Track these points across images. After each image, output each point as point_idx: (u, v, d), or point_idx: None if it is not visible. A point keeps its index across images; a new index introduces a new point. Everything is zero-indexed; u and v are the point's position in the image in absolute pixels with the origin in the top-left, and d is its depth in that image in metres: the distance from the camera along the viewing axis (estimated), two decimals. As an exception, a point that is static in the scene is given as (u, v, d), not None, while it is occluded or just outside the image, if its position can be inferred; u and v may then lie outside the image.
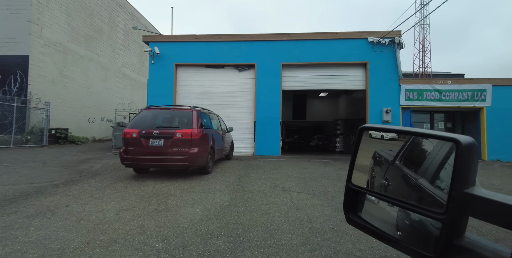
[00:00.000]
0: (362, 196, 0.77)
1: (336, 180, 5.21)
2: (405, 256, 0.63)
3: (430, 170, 0.63)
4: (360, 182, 0.79)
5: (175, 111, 5.25)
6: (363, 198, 0.77)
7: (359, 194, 0.77)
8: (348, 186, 0.78)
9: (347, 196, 0.79)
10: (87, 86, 16.63)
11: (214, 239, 2.49)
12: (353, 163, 0.78)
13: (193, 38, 10.69)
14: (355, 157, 0.78)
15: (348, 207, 0.78)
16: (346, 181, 0.79)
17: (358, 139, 0.79)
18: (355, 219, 0.75)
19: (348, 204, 0.78)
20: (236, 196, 3.91)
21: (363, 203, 0.77)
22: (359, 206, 0.77)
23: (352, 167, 0.79)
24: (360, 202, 0.77)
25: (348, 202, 0.78)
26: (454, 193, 0.49)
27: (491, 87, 9.32)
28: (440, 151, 0.61)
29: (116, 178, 5.06)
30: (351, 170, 0.79)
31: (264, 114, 10.15)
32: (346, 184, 0.79)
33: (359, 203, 0.77)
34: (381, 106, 9.66)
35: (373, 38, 9.61)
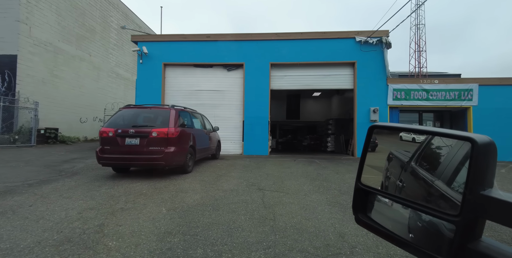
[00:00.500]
0: (372, 196, 0.75)
1: (314, 179, 5.21)
2: (366, 253, 0.61)
3: (447, 172, 0.61)
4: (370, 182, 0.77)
5: (152, 110, 5.23)
6: (373, 199, 0.76)
7: (369, 194, 0.75)
8: (358, 185, 0.76)
9: (356, 196, 0.76)
10: (79, 86, 16.55)
11: (171, 237, 2.48)
12: (363, 163, 0.76)
13: (182, 37, 10.66)
14: (364, 156, 0.76)
15: (357, 207, 0.76)
16: (355, 181, 0.77)
17: (368, 138, 0.77)
18: (364, 219, 0.74)
19: (357, 204, 0.76)
20: (207, 195, 3.89)
21: (373, 203, 0.76)
22: (369, 206, 0.76)
23: (362, 166, 0.77)
24: (370, 202, 0.76)
25: (358, 202, 0.76)
26: (468, 194, 0.47)
27: (477, 86, 9.36)
28: (458, 151, 0.58)
29: (93, 177, 5.03)
30: (361, 169, 0.77)
31: (252, 113, 10.14)
32: (356, 184, 0.77)
33: (368, 203, 0.76)
34: (369, 105, 9.68)
35: (361, 37, 9.63)
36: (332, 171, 6.19)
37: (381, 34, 9.58)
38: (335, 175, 5.67)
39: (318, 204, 3.59)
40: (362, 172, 0.76)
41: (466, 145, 0.53)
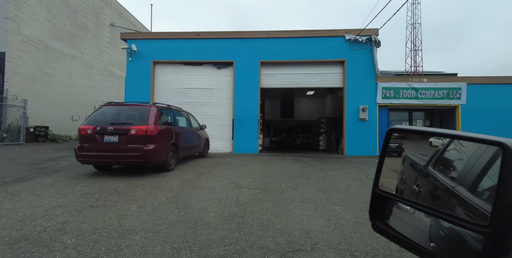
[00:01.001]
0: (390, 202, 0.72)
1: (295, 177, 5.20)
2: (327, 250, 0.57)
3: (469, 177, 0.58)
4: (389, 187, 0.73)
5: (133, 108, 5.19)
6: (391, 205, 0.73)
7: (387, 201, 0.72)
8: (375, 191, 0.73)
9: (373, 202, 0.74)
10: (70, 84, 16.41)
11: (132, 234, 2.45)
12: (381, 167, 0.73)
13: (171, 35, 10.59)
14: (382, 161, 0.73)
15: (374, 214, 0.73)
16: (372, 186, 0.75)
17: (386, 141, 0.73)
18: (382, 226, 0.71)
19: (374, 211, 0.73)
20: (183, 193, 3.87)
21: (391, 210, 0.73)
22: (387, 213, 0.73)
23: (380, 171, 0.73)
24: (388, 208, 0.73)
25: (375, 208, 0.73)
26: (500, 204, 0.43)
27: (466, 85, 9.39)
28: (482, 156, 0.55)
29: (73, 175, 4.99)
30: (378, 174, 0.74)
31: (242, 112, 10.11)
32: (373, 189, 0.74)
33: (386, 210, 0.73)
34: (358, 104, 9.68)
35: (350, 36, 9.62)
36: (315, 169, 6.19)
37: (371, 32, 9.57)
38: (317, 173, 5.66)
39: (292, 201, 3.58)
40: (379, 177, 0.72)
41: (491, 150, 0.49)
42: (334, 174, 5.55)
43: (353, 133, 9.68)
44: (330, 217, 3.07)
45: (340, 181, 4.86)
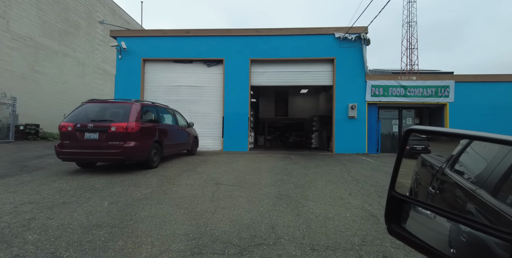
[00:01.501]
0: (407, 205, 0.70)
1: (277, 173, 5.22)
2: (289, 243, 0.52)
3: (491, 180, 0.55)
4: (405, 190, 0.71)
5: (114, 105, 5.17)
6: (408, 208, 0.70)
7: (404, 204, 0.70)
8: (391, 193, 0.70)
9: (389, 205, 0.71)
10: (62, 82, 16.31)
11: (97, 230, 2.46)
12: (397, 169, 0.70)
13: (161, 33, 10.54)
14: (399, 162, 0.70)
15: (390, 217, 0.71)
16: (388, 189, 0.73)
17: (404, 142, 0.70)
18: (398, 230, 0.68)
19: (390, 214, 0.71)
20: (159, 190, 3.87)
21: (408, 213, 0.70)
22: (403, 216, 0.70)
23: (396, 173, 0.70)
24: (405, 212, 0.71)
25: (391, 211, 0.71)
26: None
27: (453, 83, 9.44)
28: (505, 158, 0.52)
29: (54, 172, 4.97)
30: (395, 176, 0.71)
31: (232, 110, 10.11)
32: (389, 192, 0.72)
33: (403, 213, 0.71)
34: (347, 102, 9.72)
35: (340, 34, 9.62)
36: (300, 166, 6.22)
37: (360, 30, 9.58)
38: (300, 170, 5.69)
39: (267, 197, 3.60)
40: (396, 179, 0.70)
41: None
42: (316, 171, 5.58)
43: (342, 131, 9.72)
44: (300, 212, 3.09)
45: (320, 178, 4.89)
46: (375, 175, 5.32)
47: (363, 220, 2.93)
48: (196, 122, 10.03)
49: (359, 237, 2.52)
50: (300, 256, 2.15)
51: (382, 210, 3.27)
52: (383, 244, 2.39)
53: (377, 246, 2.35)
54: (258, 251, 2.18)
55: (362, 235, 2.55)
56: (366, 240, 2.46)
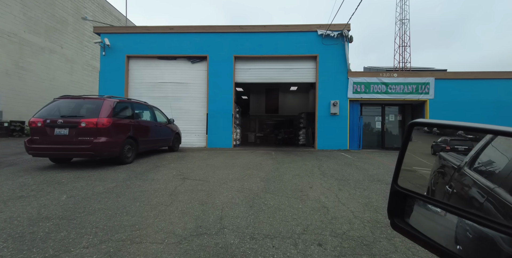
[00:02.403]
0: (411, 200, 0.69)
1: (249, 168, 5.30)
2: (231, 233, 0.53)
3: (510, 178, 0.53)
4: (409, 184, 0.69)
5: (86, 101, 5.19)
6: (412, 203, 0.69)
7: (407, 198, 0.69)
8: (394, 188, 0.69)
9: (392, 199, 0.70)
10: (49, 78, 16.18)
11: (44, 222, 2.51)
12: (401, 163, 0.69)
13: (145, 29, 10.50)
14: (403, 156, 0.69)
15: (393, 212, 0.70)
16: (391, 183, 0.72)
17: (407, 135, 0.69)
18: (402, 225, 0.67)
19: (393, 208, 0.70)
20: (124, 184, 3.93)
21: (411, 208, 0.69)
22: (407, 211, 0.69)
23: (399, 167, 0.69)
24: (408, 206, 0.69)
25: (394, 206, 0.70)
26: None
27: (433, 80, 9.58)
28: None
29: (26, 168, 4.99)
30: (398, 170, 0.70)
31: (216, 106, 10.14)
32: (392, 186, 0.71)
33: (406, 208, 0.69)
34: (330, 98, 9.81)
35: (322, 31, 9.68)
36: (275, 161, 6.31)
37: (343, 27, 9.65)
38: (274, 165, 5.78)
39: (227, 191, 3.68)
40: (399, 173, 0.69)
41: None
42: (289, 166, 5.67)
43: (324, 127, 9.83)
44: (254, 204, 3.17)
45: (289, 172, 4.99)
46: (344, 169, 5.43)
47: (313, 211, 3.02)
48: (180, 119, 10.08)
49: (302, 226, 2.61)
50: (237, 244, 2.23)
51: (336, 202, 3.37)
52: (322, 233, 2.48)
53: (316, 235, 2.44)
54: (197, 240, 2.26)
55: (306, 225, 2.64)
56: (308, 229, 2.55)
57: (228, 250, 2.12)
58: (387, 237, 2.44)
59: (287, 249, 2.18)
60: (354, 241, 2.35)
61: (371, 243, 2.34)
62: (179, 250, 2.09)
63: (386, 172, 5.25)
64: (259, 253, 2.10)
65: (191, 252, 2.07)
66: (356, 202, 3.36)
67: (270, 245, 2.22)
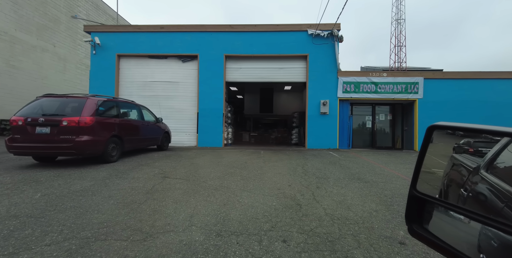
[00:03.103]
0: (430, 205, 0.67)
1: (233, 167, 5.32)
2: (198, 230, 0.52)
3: None
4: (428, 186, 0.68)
5: (69, 100, 5.17)
6: (431, 208, 0.67)
7: (426, 204, 0.67)
8: (412, 193, 0.68)
9: (410, 205, 0.68)
10: (41, 77, 16.06)
11: (11, 220, 2.51)
12: (419, 167, 0.67)
13: (136, 28, 10.48)
14: (421, 160, 0.67)
15: (411, 217, 0.68)
16: (409, 187, 0.70)
17: (426, 139, 0.66)
18: (420, 231, 0.66)
19: (411, 214, 0.68)
20: (103, 182, 3.93)
21: (430, 214, 0.67)
22: (426, 217, 0.68)
23: (418, 171, 0.68)
24: (427, 212, 0.68)
25: (412, 211, 0.68)
26: None
27: (422, 80, 9.66)
28: None
29: (8, 167, 4.97)
30: (417, 175, 0.68)
31: (207, 105, 10.15)
32: (410, 191, 0.69)
33: (425, 213, 0.68)
34: (320, 98, 9.85)
35: (312, 30, 9.71)
36: (261, 160, 6.33)
37: (332, 27, 9.68)
38: (259, 164, 5.80)
39: (205, 189, 3.70)
40: (418, 177, 0.67)
41: None
42: (273, 165, 5.70)
43: (314, 127, 9.87)
44: (228, 202, 3.19)
45: (272, 171, 5.01)
46: (327, 168, 5.47)
47: (285, 208, 3.05)
48: (171, 118, 10.08)
49: (271, 223, 2.63)
50: (202, 241, 2.25)
51: (311, 199, 3.40)
52: (290, 230, 2.51)
53: (283, 231, 2.46)
54: (163, 238, 2.27)
55: (275, 222, 2.67)
56: (276, 226, 2.58)
57: (191, 247, 2.14)
58: (353, 234, 2.47)
59: (250, 245, 2.20)
60: (319, 238, 2.38)
61: (336, 239, 2.37)
62: (142, 247, 2.10)
63: (368, 171, 5.29)
64: (221, 249, 2.12)
65: (154, 249, 2.08)
66: (331, 200, 3.40)
67: (235, 242, 2.24)
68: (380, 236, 2.44)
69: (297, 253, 2.11)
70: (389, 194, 3.71)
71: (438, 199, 0.66)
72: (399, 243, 2.33)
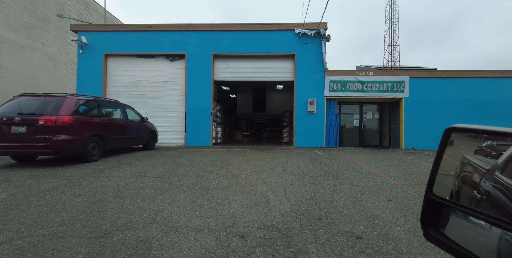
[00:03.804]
0: (447, 209, 0.66)
1: (212, 166, 5.33)
2: (158, 227, 0.51)
3: None
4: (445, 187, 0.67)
5: (47, 99, 5.14)
6: (448, 212, 0.65)
7: (443, 207, 0.66)
8: (428, 196, 0.66)
9: (426, 209, 0.67)
10: (31, 77, 15.88)
11: (-27, 218, 2.50)
12: (436, 170, 0.66)
13: (123, 27, 10.43)
14: (438, 164, 0.65)
15: (426, 221, 0.67)
16: (425, 191, 0.69)
17: (444, 142, 0.65)
18: (436, 235, 0.64)
19: (427, 218, 0.67)
20: (76, 181, 3.92)
21: (447, 218, 0.65)
22: (442, 221, 0.66)
23: (435, 174, 0.66)
24: (444, 216, 0.66)
25: (427, 215, 0.67)
26: None
27: (408, 78, 9.75)
28: None
29: (-16, 167, 4.93)
30: (433, 178, 0.66)
31: (195, 104, 10.14)
32: (426, 194, 0.67)
33: (442, 217, 0.66)
34: (307, 97, 9.90)
35: (299, 29, 9.75)
36: (244, 159, 6.35)
37: (318, 26, 9.73)
38: (241, 162, 5.82)
39: (177, 187, 3.71)
40: (434, 180, 0.65)
41: None
42: (255, 163, 5.73)
43: (302, 125, 9.92)
44: (197, 199, 3.21)
45: (251, 169, 5.04)
46: (307, 166, 5.51)
47: (253, 205, 3.08)
48: (158, 117, 10.06)
49: (234, 220, 2.66)
50: (159, 237, 2.26)
51: (281, 196, 3.43)
52: (251, 226, 2.53)
53: (244, 227, 2.49)
54: (121, 234, 2.28)
55: (238, 218, 2.69)
56: (238, 222, 2.60)
57: (146, 243, 2.15)
58: (313, 229, 2.51)
59: (207, 241, 2.22)
60: (278, 233, 2.41)
61: (294, 234, 2.40)
62: (98, 244, 2.11)
63: (346, 168, 5.34)
64: (176, 245, 2.14)
65: (109, 246, 2.09)
66: (301, 196, 3.43)
67: (192, 238, 2.26)
68: (339, 231, 2.48)
69: (252, 248, 2.14)
70: (360, 190, 3.76)
71: (457, 203, 0.65)
72: (356, 237, 2.37)
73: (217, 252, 2.06)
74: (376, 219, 2.77)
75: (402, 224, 2.67)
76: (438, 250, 2.18)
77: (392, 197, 3.51)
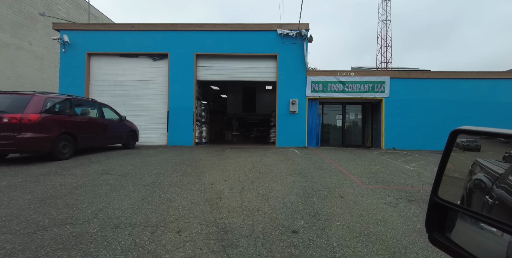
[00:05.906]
0: (453, 213, 0.64)
1: (182, 164, 5.34)
2: (97, 222, 0.51)
3: None
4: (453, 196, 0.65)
5: (14, 96, 5.11)
6: (455, 217, 0.64)
7: (449, 211, 0.64)
8: (433, 199, 0.65)
9: (431, 212, 0.66)
10: (16, 76, 15.73)
11: None
12: (441, 173, 0.65)
13: (106, 26, 10.40)
14: (444, 166, 0.65)
15: (432, 225, 0.65)
16: (430, 194, 0.68)
17: (450, 144, 0.64)
18: (441, 240, 0.63)
19: (432, 222, 0.65)
20: (36, 179, 3.91)
21: (454, 222, 0.64)
22: (448, 225, 0.65)
23: (440, 177, 0.65)
24: (450, 220, 0.64)
25: (433, 219, 0.65)
26: None
27: (389, 79, 9.87)
28: None
29: (-51, 165, 4.88)
30: (438, 180, 0.65)
31: (177, 104, 10.14)
32: (431, 198, 0.66)
33: (448, 222, 0.65)
34: (289, 97, 9.96)
35: (281, 30, 9.82)
36: (218, 158, 6.37)
37: (302, 27, 9.81)
38: (213, 161, 5.84)
39: (134, 184, 3.71)
40: (440, 183, 0.64)
41: None
42: (227, 162, 5.75)
43: (284, 125, 9.98)
44: (148, 197, 3.22)
45: (219, 167, 5.06)
46: (277, 164, 5.55)
47: (204, 202, 3.10)
48: (140, 116, 10.04)
49: (178, 215, 2.68)
50: (94, 232, 2.27)
51: (236, 193, 3.45)
52: (192, 221, 2.56)
53: (184, 223, 2.51)
54: (55, 230, 2.29)
55: (182, 214, 2.71)
56: (180, 218, 2.62)
57: (78, 238, 2.16)
58: (253, 224, 2.54)
59: (140, 236, 2.24)
60: (216, 228, 2.44)
61: (232, 229, 2.43)
62: (27, 239, 2.12)
63: (315, 167, 5.40)
64: (107, 240, 2.15)
65: (37, 241, 2.10)
66: (256, 193, 3.47)
67: (127, 233, 2.28)
68: (277, 226, 2.51)
69: (183, 242, 2.16)
70: (317, 187, 3.80)
71: (463, 207, 0.64)
72: (292, 231, 2.41)
73: (146, 246, 2.08)
74: (320, 215, 2.81)
75: (344, 219, 2.71)
76: (367, 243, 2.23)
77: (346, 194, 3.56)
